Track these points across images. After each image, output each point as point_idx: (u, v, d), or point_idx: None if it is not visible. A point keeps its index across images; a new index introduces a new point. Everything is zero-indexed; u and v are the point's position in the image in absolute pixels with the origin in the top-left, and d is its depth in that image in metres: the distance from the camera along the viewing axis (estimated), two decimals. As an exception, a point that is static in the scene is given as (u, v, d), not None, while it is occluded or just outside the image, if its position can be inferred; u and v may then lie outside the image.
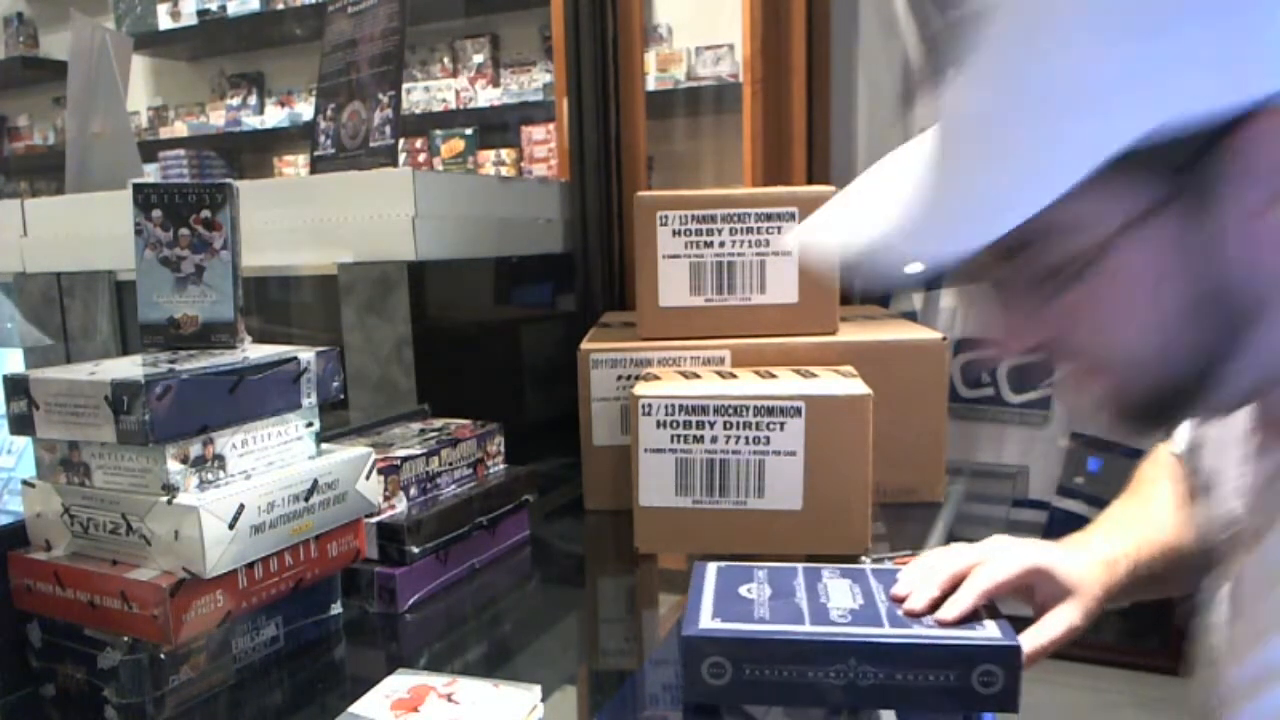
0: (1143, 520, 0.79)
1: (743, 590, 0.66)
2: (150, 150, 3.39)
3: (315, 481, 0.71)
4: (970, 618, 0.61)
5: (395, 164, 1.23)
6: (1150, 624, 1.48)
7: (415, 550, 0.80)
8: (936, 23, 0.53)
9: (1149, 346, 0.51)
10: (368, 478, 0.77)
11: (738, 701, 0.60)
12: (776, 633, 0.59)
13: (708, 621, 0.61)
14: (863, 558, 0.87)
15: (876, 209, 0.53)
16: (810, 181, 1.64)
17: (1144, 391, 0.53)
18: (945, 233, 0.49)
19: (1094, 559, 0.72)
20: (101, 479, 0.65)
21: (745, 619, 0.61)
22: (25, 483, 0.68)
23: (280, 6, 3.23)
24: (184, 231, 0.73)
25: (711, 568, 0.70)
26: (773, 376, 0.94)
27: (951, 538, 0.88)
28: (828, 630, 0.59)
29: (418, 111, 3.11)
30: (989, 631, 0.59)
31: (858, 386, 0.88)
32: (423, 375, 1.17)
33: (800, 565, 0.71)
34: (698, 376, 0.96)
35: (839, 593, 0.65)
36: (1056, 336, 0.53)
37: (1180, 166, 0.46)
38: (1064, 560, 0.70)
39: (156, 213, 0.73)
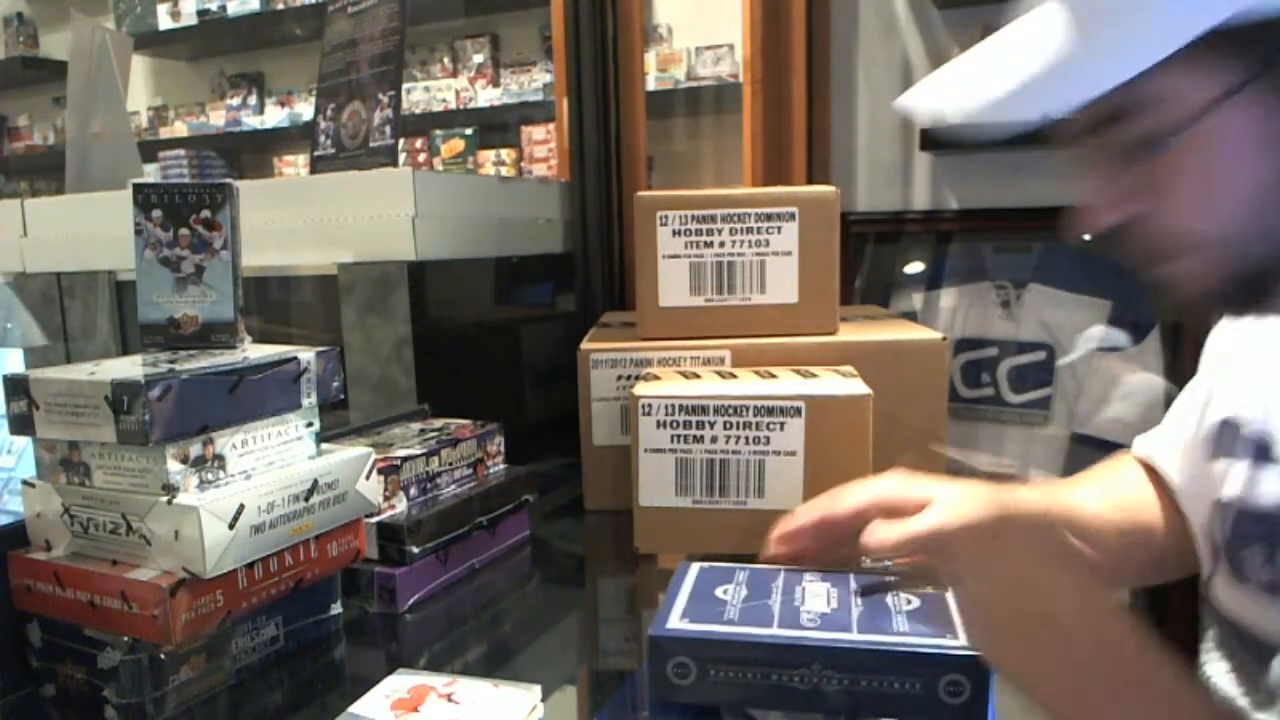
0: (1097, 481, 0.82)
1: (719, 591, 0.66)
2: (150, 150, 3.39)
3: (315, 481, 0.71)
4: (943, 626, 0.60)
5: (395, 164, 1.23)
6: (1150, 623, 1.47)
7: (415, 550, 0.80)
8: None
9: (1234, 223, 0.50)
10: (368, 478, 0.77)
11: (703, 702, 0.60)
12: (741, 635, 0.59)
13: (675, 622, 0.61)
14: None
15: (979, 73, 0.54)
16: (810, 181, 1.64)
17: (1228, 270, 0.52)
18: (1037, 94, 0.49)
19: (993, 492, 0.71)
20: (101, 479, 0.65)
21: (713, 620, 0.61)
22: (25, 483, 0.68)
23: (280, 6, 3.23)
24: (184, 231, 0.73)
25: (694, 568, 0.70)
26: (773, 376, 0.94)
27: (951, 537, 0.88)
28: (793, 634, 0.59)
29: (418, 111, 3.11)
30: (959, 640, 0.58)
31: (858, 386, 0.88)
32: (423, 375, 1.17)
33: (783, 568, 0.70)
34: (698, 376, 0.96)
35: (815, 596, 0.65)
36: (1145, 209, 0.53)
37: (1274, 47, 0.47)
38: (929, 485, 0.70)
39: (156, 213, 0.73)
